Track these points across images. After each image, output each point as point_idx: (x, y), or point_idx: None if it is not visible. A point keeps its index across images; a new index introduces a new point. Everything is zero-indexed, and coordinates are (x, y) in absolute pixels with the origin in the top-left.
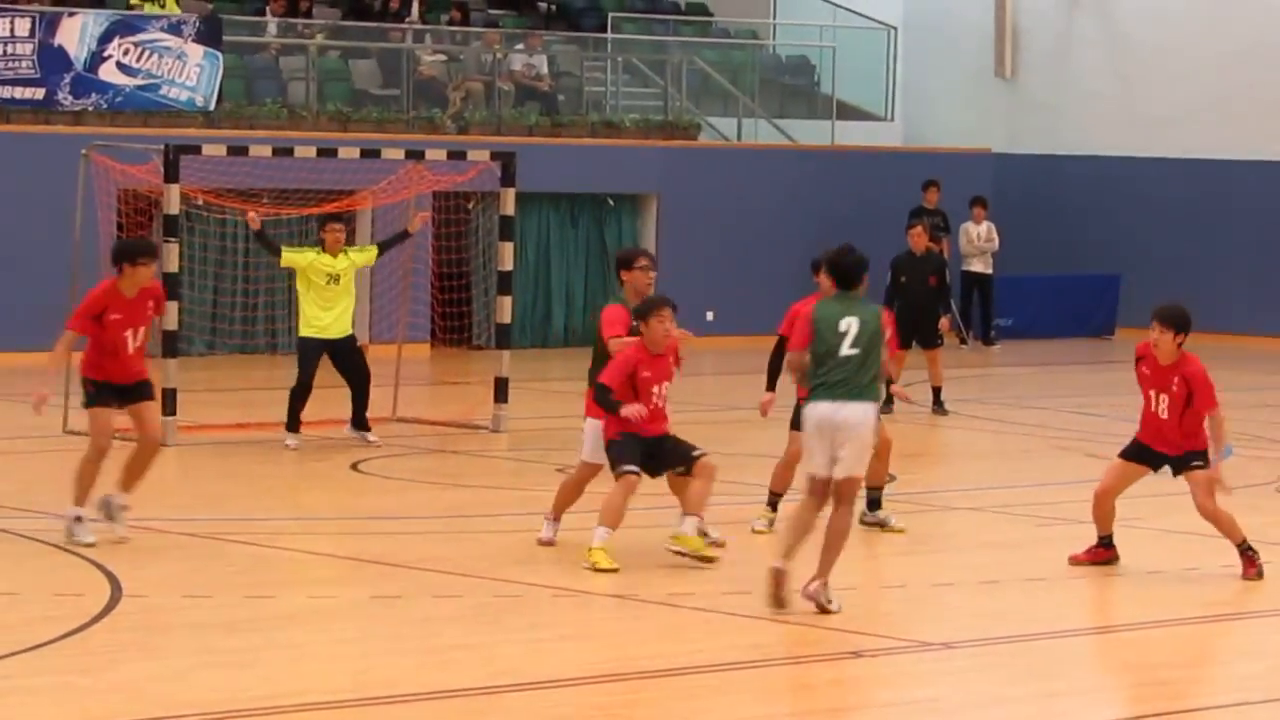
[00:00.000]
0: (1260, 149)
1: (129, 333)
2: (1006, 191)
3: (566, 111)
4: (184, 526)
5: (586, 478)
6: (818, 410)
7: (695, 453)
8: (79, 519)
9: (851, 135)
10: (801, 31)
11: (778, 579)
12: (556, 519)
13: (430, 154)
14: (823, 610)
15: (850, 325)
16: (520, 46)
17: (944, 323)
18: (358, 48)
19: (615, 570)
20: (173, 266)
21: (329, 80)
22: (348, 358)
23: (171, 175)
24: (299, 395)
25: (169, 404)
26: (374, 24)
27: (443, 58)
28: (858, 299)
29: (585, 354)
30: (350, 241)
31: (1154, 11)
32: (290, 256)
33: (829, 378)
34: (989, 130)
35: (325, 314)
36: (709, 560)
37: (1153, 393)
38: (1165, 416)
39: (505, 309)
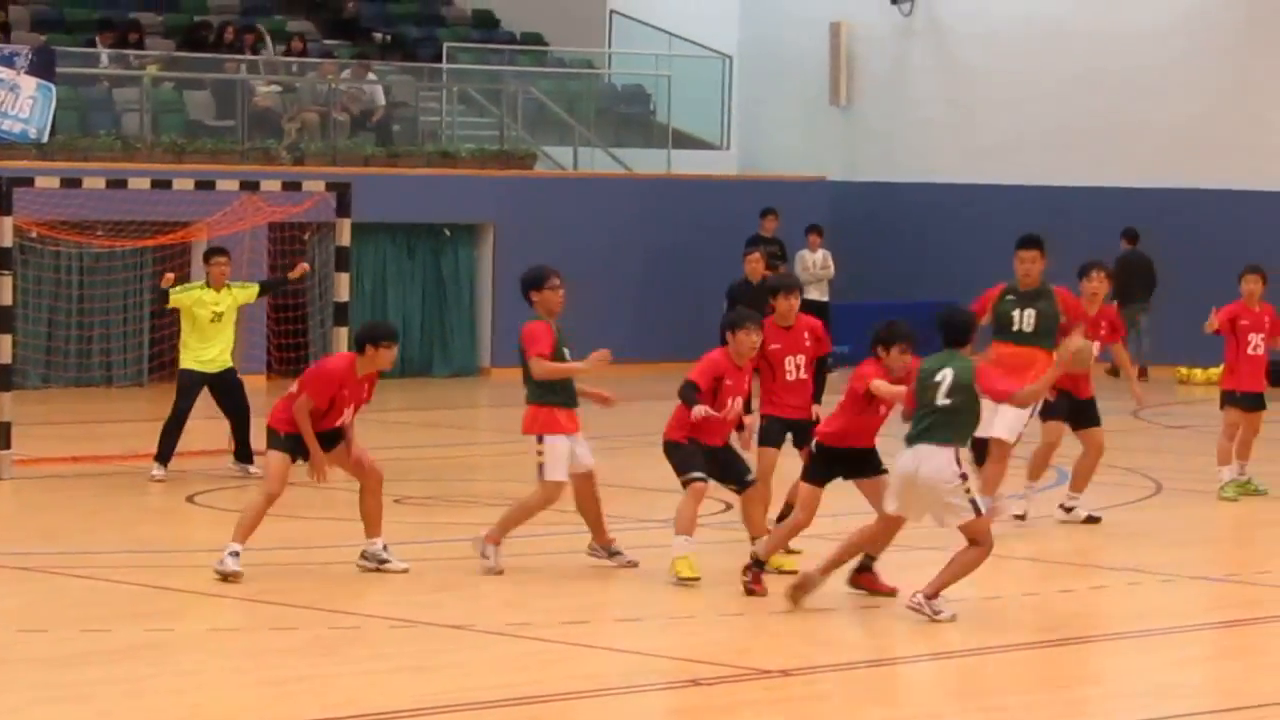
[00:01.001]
0: (1093, 175)
1: None
2: (843, 219)
3: (402, 142)
4: (20, 560)
5: (553, 497)
6: (900, 461)
7: (748, 477)
8: None
9: (688, 164)
10: (637, 60)
11: (806, 584)
12: (498, 543)
13: (265, 185)
14: (933, 619)
15: (946, 377)
16: (346, 74)
17: None
18: (192, 79)
19: (697, 579)
20: (6, 299)
21: (163, 112)
22: (228, 392)
23: (5, 208)
24: (174, 427)
25: (3, 438)
26: (208, 55)
27: (277, 88)
28: (959, 356)
29: (423, 384)
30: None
31: (988, 39)
32: (176, 298)
33: (919, 424)
34: (825, 158)
35: (208, 348)
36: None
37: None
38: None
39: (342, 340)
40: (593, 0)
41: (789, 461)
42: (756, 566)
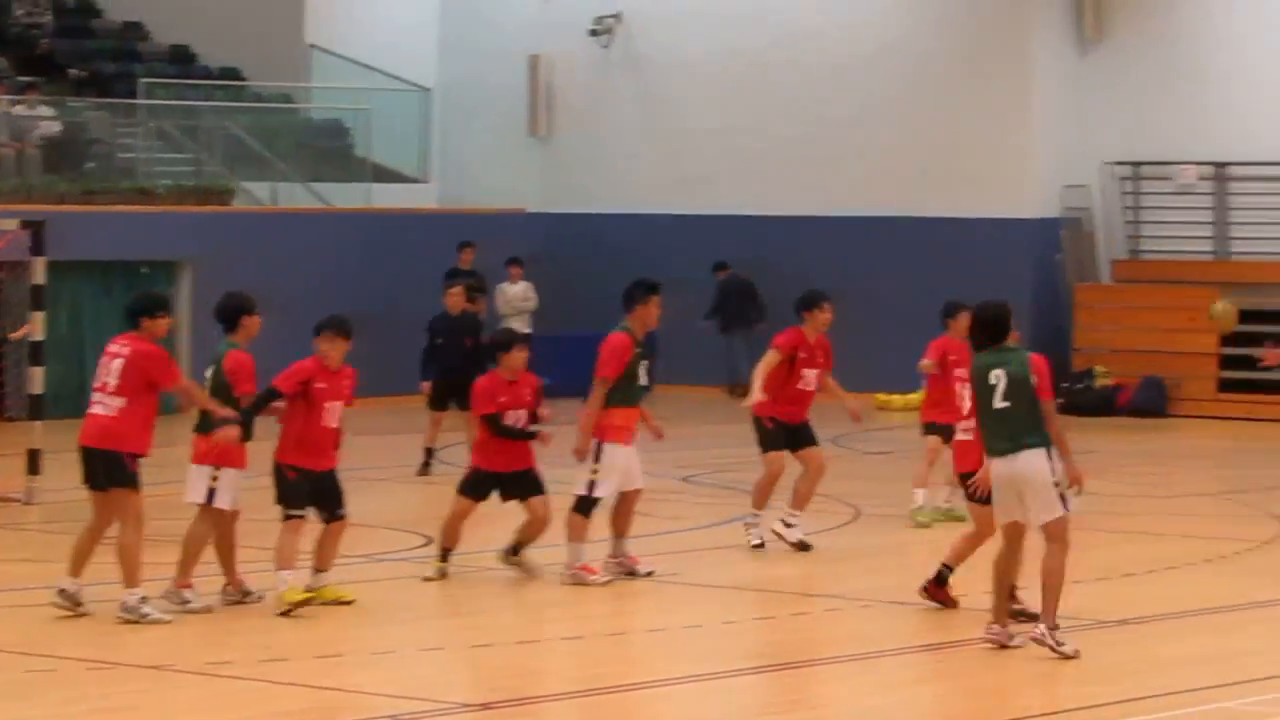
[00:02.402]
0: (793, 204)
1: None
2: (543, 250)
3: (99, 178)
4: None
5: (222, 526)
6: (994, 470)
7: (339, 510)
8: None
9: (388, 198)
10: (336, 95)
11: (1002, 643)
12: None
13: None
14: (1057, 653)
15: (999, 378)
16: (20, 108)
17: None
18: None
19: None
20: None
21: None
22: None
23: None
24: None
25: None
26: None
27: None
28: (1008, 349)
29: None
30: None
31: (686, 71)
32: None
33: (988, 434)
34: (525, 190)
35: None
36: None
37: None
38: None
39: (38, 380)
40: (290, 34)
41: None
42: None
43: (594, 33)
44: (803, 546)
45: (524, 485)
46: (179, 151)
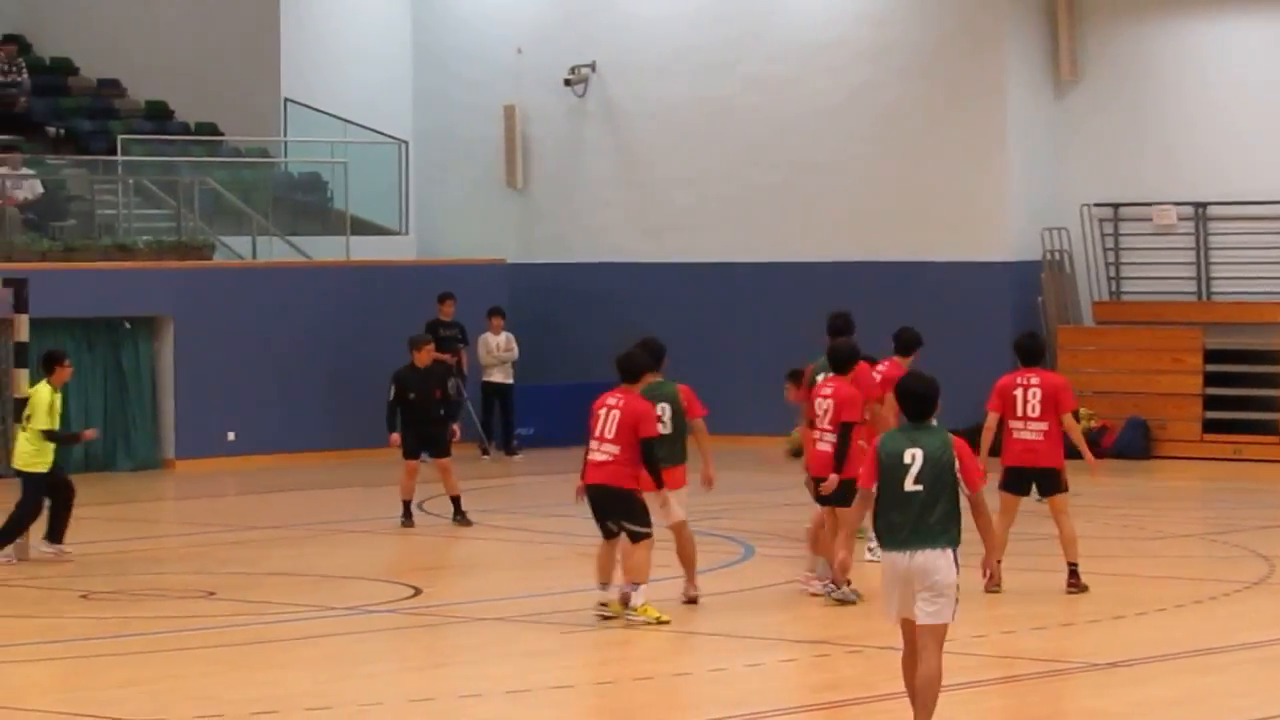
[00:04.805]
0: (768, 251)
1: None
2: (522, 301)
3: (78, 235)
4: None
5: None
6: (889, 562)
7: None
8: None
9: (367, 250)
10: (312, 148)
11: None
12: None
13: None
14: None
15: (915, 458)
16: (3, 169)
17: (454, 430)
18: None
19: None
20: None
21: None
22: None
23: None
24: None
25: None
26: None
27: None
28: (930, 428)
29: (106, 479)
30: None
31: (660, 119)
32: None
33: (892, 519)
34: (502, 240)
35: None
36: None
37: None
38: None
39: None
40: (266, 88)
41: None
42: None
43: (568, 82)
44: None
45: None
46: (158, 207)
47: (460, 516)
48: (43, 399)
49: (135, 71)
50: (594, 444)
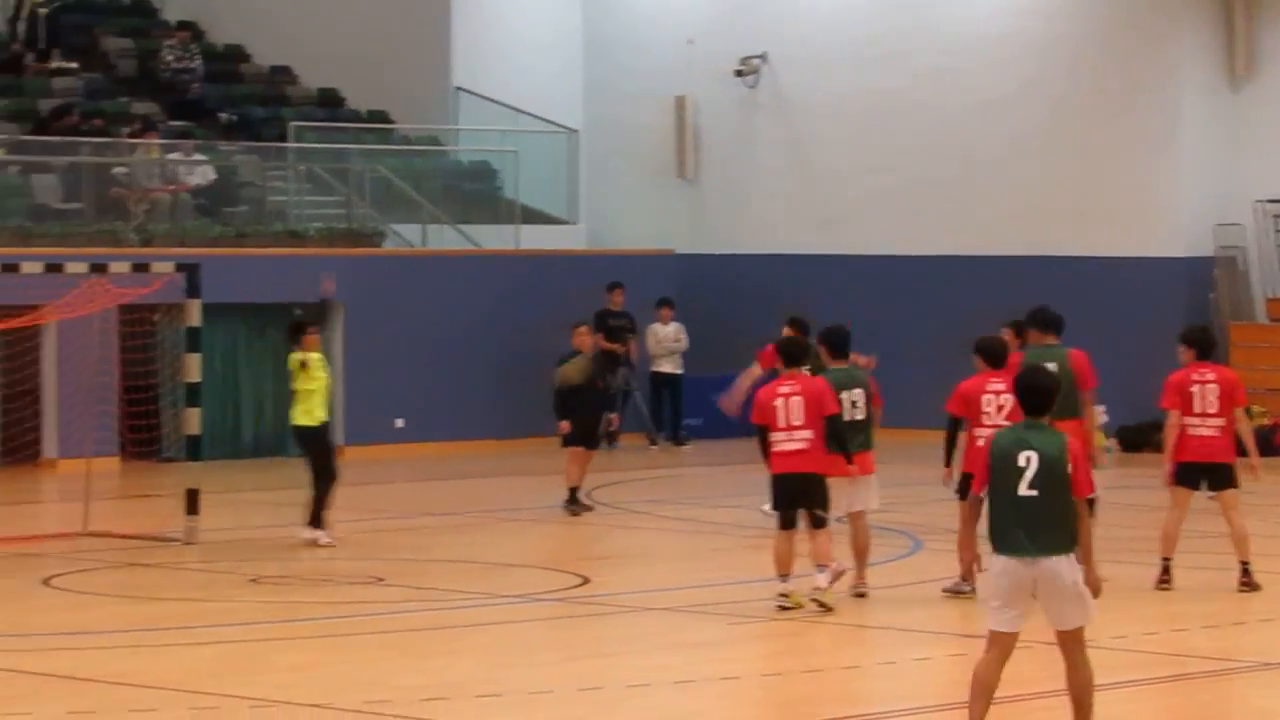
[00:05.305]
0: (936, 244)
1: None
2: (691, 292)
3: (249, 221)
4: None
5: None
6: (1006, 569)
7: None
8: None
9: (536, 239)
10: (483, 137)
11: None
12: None
13: (114, 267)
14: None
15: (1030, 461)
16: (176, 154)
17: (611, 419)
18: (38, 162)
19: None
20: None
21: (9, 195)
22: None
23: None
24: None
25: None
26: (55, 138)
27: (126, 169)
28: (1045, 427)
29: (275, 464)
30: None
31: (831, 111)
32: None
33: (1007, 524)
34: (672, 231)
35: None
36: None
37: None
38: None
39: (194, 421)
40: (438, 77)
41: None
42: None
43: (739, 73)
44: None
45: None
46: (329, 194)
47: (572, 504)
48: (293, 363)
49: (307, 59)
50: (782, 435)
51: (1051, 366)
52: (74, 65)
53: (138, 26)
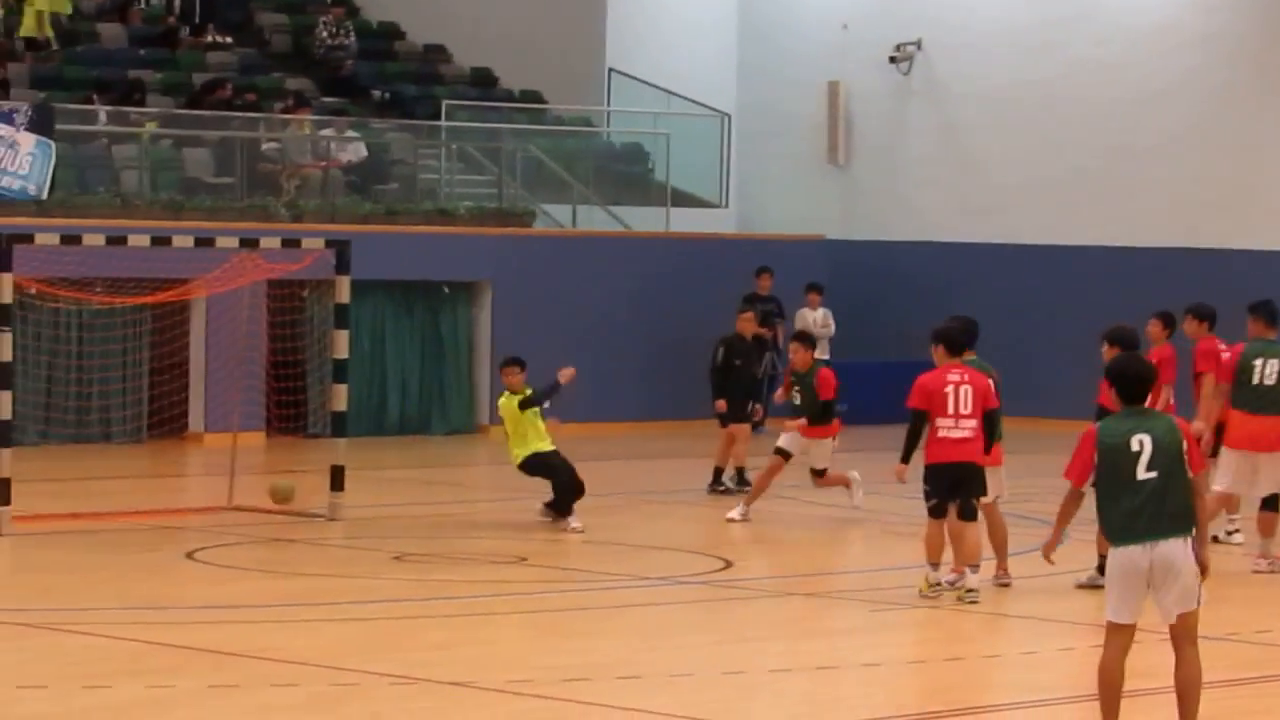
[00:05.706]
0: (1090, 235)
1: None
2: (840, 278)
3: (400, 199)
4: (18, 617)
5: None
6: (1126, 558)
7: None
8: None
9: (686, 222)
10: (635, 119)
11: None
12: None
13: (264, 242)
14: None
15: (1144, 444)
16: (328, 131)
17: (757, 409)
18: (190, 136)
19: None
20: (6, 356)
21: (161, 169)
22: None
23: (4, 264)
24: None
25: (2, 494)
26: (207, 112)
27: (277, 145)
28: (1151, 412)
29: (420, 442)
30: None
31: (985, 100)
32: None
33: (1124, 510)
34: (822, 217)
35: None
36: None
37: None
38: None
39: (341, 397)
40: (591, 58)
41: None
42: None
43: (893, 60)
44: None
45: None
46: (479, 173)
47: (715, 485)
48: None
49: (461, 38)
50: (949, 421)
51: (1275, 361)
52: (228, 40)
53: (293, 2)
